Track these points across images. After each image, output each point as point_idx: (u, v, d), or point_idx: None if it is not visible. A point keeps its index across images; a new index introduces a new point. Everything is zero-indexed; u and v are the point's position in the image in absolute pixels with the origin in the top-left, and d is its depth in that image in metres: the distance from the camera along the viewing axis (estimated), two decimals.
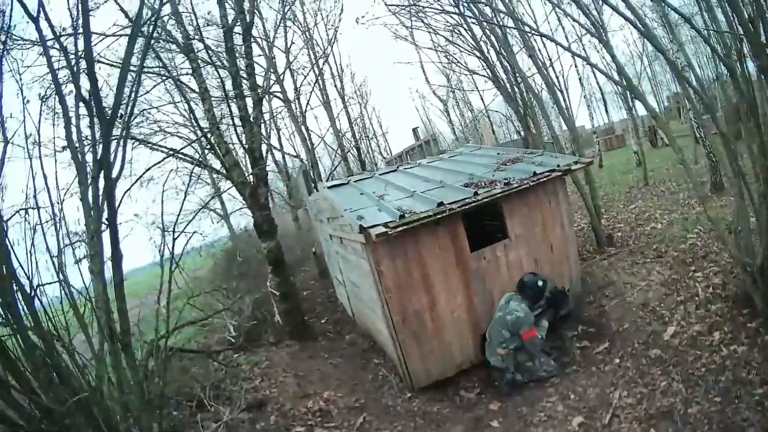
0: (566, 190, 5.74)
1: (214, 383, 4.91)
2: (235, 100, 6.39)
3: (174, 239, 3.98)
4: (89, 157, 3.23)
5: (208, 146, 6.31)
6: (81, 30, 3.13)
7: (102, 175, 3.13)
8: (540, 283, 4.87)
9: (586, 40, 15.88)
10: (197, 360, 5.58)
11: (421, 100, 26.15)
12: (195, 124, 6.75)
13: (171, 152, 6.54)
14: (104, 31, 5.15)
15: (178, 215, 4.07)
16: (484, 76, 10.04)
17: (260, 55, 11.10)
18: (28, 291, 3.05)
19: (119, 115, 3.41)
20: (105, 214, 3.12)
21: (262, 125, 13.78)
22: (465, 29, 8.87)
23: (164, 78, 6.94)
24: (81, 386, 3.12)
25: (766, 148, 3.55)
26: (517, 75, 7.89)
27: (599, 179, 14.47)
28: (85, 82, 3.20)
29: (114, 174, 3.36)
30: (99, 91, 3.23)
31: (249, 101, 6.42)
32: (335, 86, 14.91)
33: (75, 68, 3.24)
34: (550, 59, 14.15)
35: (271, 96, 11.97)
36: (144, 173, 4.25)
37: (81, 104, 3.27)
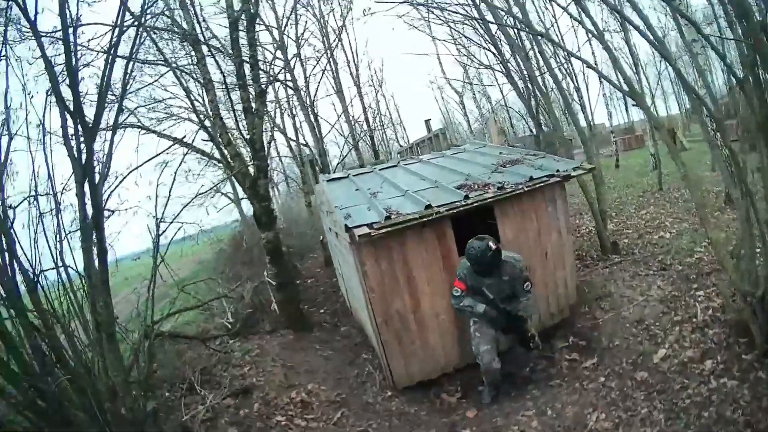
0: (565, 194, 5.57)
1: (206, 368, 5.04)
2: (238, 90, 6.43)
3: (158, 234, 4.07)
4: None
5: (209, 137, 6.36)
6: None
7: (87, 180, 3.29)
8: (476, 246, 4.13)
9: (606, 36, 15.31)
10: (193, 345, 5.74)
11: (439, 90, 25.66)
12: (197, 116, 6.80)
13: (173, 140, 6.63)
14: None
15: (165, 206, 4.08)
16: (499, 71, 9.88)
17: (271, 43, 11.13)
18: (32, 276, 3.22)
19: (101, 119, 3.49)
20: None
21: (277, 111, 13.98)
22: (480, 24, 8.72)
23: (166, 69, 6.98)
24: (76, 368, 3.26)
25: None
26: (528, 74, 7.72)
27: (614, 180, 14.06)
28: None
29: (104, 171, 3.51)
30: (81, 102, 3.30)
31: (251, 91, 6.44)
32: (350, 73, 14.78)
33: (56, 79, 3.25)
34: (568, 55, 13.72)
35: (284, 85, 11.97)
36: (131, 172, 4.16)
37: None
